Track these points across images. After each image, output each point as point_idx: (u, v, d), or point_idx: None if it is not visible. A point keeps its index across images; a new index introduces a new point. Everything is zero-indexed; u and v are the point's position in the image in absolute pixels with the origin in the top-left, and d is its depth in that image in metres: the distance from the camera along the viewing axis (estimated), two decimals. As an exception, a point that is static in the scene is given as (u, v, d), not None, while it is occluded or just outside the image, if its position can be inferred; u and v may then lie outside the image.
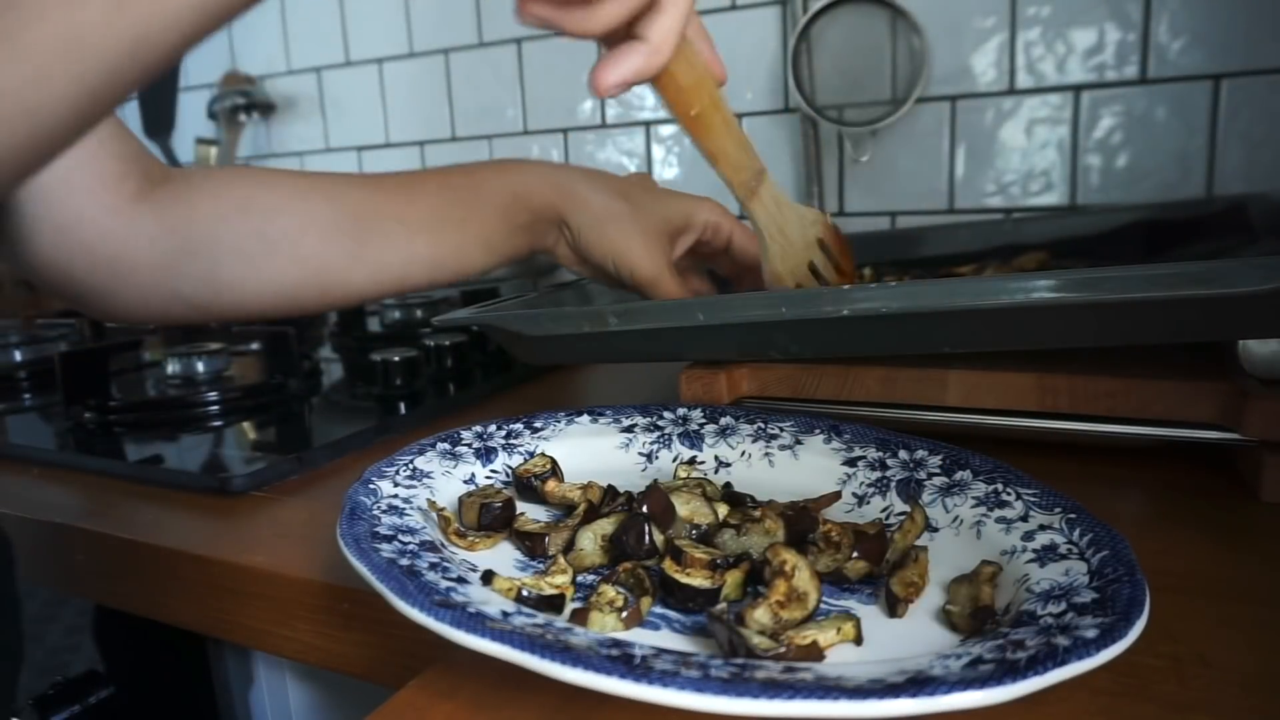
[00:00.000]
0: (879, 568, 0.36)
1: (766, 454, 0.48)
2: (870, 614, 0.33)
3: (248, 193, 0.51)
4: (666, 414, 0.52)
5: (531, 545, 0.39)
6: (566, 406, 0.53)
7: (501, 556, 0.39)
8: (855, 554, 0.36)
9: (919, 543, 0.37)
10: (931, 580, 0.35)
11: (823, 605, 0.33)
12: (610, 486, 0.43)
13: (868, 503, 0.43)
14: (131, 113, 1.45)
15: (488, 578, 0.34)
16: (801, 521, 0.38)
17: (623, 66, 0.39)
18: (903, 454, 0.44)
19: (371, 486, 0.40)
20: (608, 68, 0.39)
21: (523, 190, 0.56)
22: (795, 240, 0.55)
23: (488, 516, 0.40)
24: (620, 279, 0.57)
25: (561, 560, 0.36)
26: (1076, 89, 0.82)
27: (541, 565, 0.38)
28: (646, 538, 0.37)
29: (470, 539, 0.39)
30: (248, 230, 0.50)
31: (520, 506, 0.43)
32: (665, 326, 0.50)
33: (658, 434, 0.50)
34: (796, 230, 0.55)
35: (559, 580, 0.35)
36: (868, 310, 0.45)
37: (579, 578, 0.37)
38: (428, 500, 0.42)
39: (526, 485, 0.44)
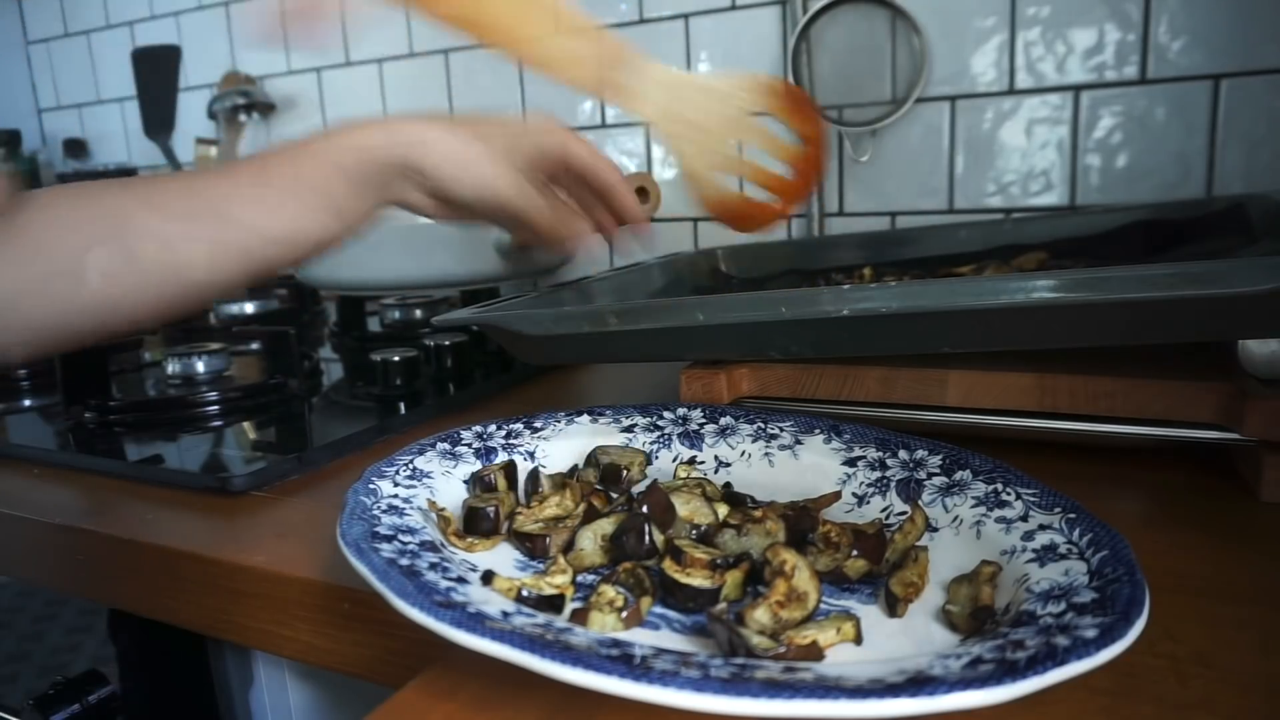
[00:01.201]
0: (878, 567, 0.36)
1: (766, 454, 0.48)
2: (870, 614, 0.33)
3: (28, 216, 0.46)
4: (666, 414, 0.52)
5: (532, 545, 0.39)
6: (566, 406, 0.53)
7: (502, 557, 0.39)
8: (855, 553, 0.36)
9: (919, 543, 0.37)
10: (931, 580, 0.35)
11: (823, 605, 0.33)
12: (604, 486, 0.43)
13: (868, 503, 0.43)
14: (132, 112, 1.45)
15: (488, 578, 0.34)
16: (802, 522, 0.38)
17: None
18: (902, 454, 0.44)
19: (371, 486, 0.40)
20: None
21: (367, 145, 0.52)
22: (704, 123, 0.47)
23: (486, 524, 0.40)
24: (485, 208, 0.53)
25: (561, 560, 0.36)
26: (1076, 89, 0.82)
27: (542, 565, 0.38)
28: (646, 538, 0.37)
29: (469, 540, 0.39)
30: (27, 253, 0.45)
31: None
32: (664, 326, 0.50)
33: (658, 434, 0.50)
34: (702, 109, 0.47)
35: (559, 580, 0.35)
36: (867, 310, 0.45)
37: (579, 577, 0.37)
38: (428, 500, 0.42)
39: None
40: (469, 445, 0.48)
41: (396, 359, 0.71)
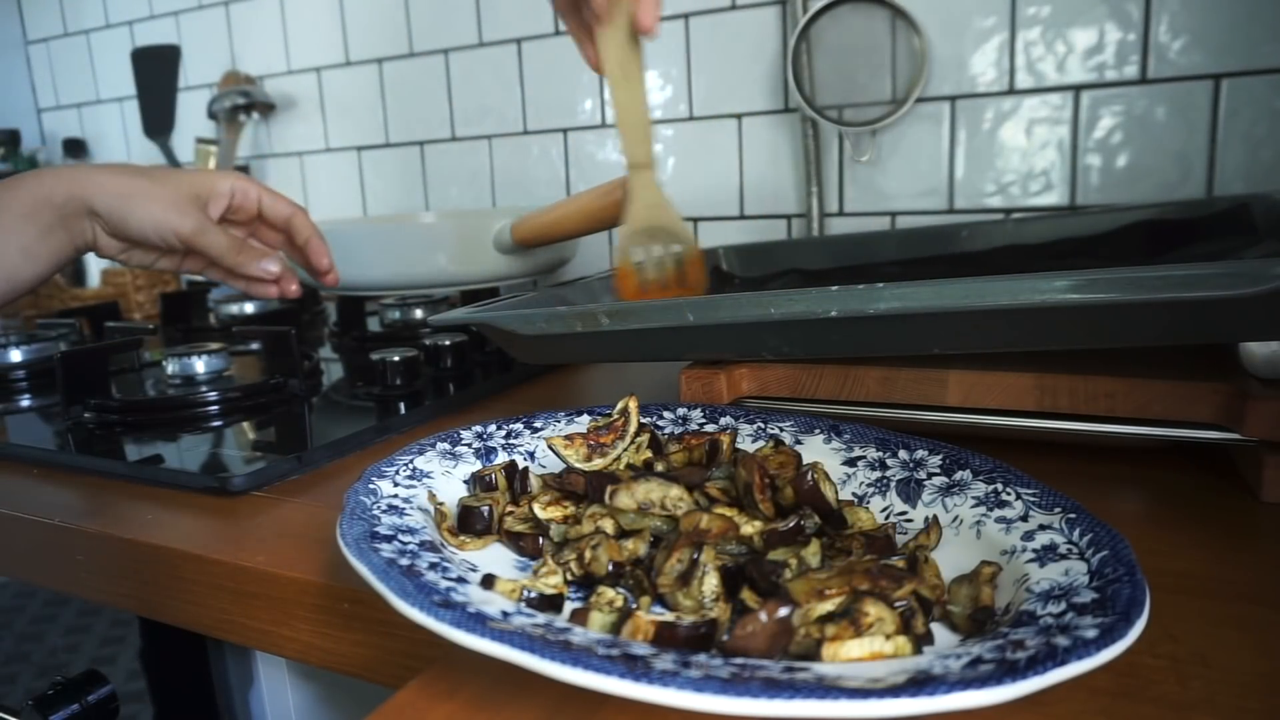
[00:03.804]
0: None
1: (766, 454, 0.48)
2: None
3: None
4: (667, 414, 0.52)
5: (524, 544, 0.39)
6: (566, 406, 0.53)
7: (501, 556, 0.39)
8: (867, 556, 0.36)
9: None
10: (931, 580, 0.35)
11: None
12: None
13: (867, 503, 0.42)
14: (131, 112, 1.45)
15: (489, 582, 0.34)
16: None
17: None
18: (903, 454, 0.44)
19: (371, 486, 0.40)
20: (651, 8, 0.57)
21: (42, 192, 0.57)
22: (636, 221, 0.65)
23: (480, 524, 0.40)
24: (168, 245, 0.59)
25: (550, 561, 0.36)
26: (1076, 89, 0.81)
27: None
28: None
29: (461, 538, 0.39)
30: None
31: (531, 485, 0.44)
32: (655, 327, 0.50)
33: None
34: (653, 218, 0.65)
35: (552, 580, 0.35)
36: (855, 312, 0.45)
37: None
38: (428, 493, 0.42)
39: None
40: (469, 445, 0.48)
41: (396, 359, 0.71)
